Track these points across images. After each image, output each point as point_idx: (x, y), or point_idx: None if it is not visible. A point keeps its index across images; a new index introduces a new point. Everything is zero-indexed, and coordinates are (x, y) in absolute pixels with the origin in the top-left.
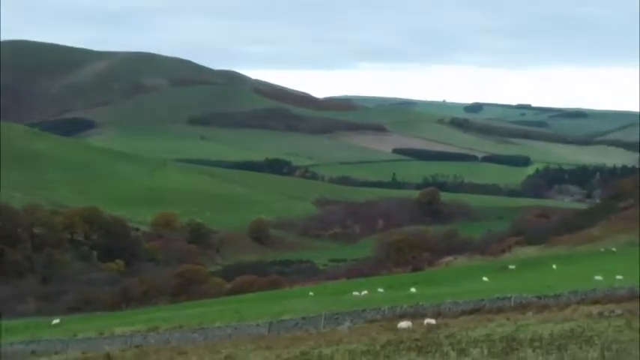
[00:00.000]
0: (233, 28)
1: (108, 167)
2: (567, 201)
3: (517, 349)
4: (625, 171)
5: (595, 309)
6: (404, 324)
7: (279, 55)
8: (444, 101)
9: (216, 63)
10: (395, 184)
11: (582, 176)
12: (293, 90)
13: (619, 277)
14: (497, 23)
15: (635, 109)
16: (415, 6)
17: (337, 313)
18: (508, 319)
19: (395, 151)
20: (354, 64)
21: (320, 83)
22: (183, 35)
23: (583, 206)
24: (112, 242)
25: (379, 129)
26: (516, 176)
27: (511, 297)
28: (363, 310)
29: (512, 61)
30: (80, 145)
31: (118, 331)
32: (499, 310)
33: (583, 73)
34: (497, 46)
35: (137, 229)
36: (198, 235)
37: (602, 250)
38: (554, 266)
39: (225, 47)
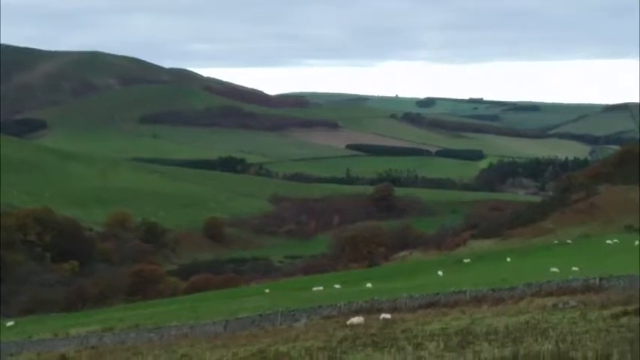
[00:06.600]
0: (182, 26)
1: (59, 167)
2: (521, 194)
3: (473, 342)
4: (577, 163)
5: (549, 301)
6: (355, 320)
7: (230, 53)
8: (396, 96)
9: (166, 61)
10: (349, 180)
11: (535, 169)
12: (244, 87)
13: (575, 268)
14: (448, 18)
15: (587, 101)
16: (365, 2)
17: (293, 310)
18: (463, 312)
19: (348, 147)
20: (304, 60)
21: (271, 80)
22: (133, 34)
23: (536, 199)
24: (65, 243)
25: (331, 125)
26: (470, 170)
27: (466, 291)
28: (320, 307)
29: (463, 55)
30: (31, 145)
31: (73, 331)
32: (454, 304)
33: (535, 67)
34: (449, 40)
35: (91, 230)
36: (153, 235)
37: (556, 242)
38: (508, 259)
39: (175, 45)
